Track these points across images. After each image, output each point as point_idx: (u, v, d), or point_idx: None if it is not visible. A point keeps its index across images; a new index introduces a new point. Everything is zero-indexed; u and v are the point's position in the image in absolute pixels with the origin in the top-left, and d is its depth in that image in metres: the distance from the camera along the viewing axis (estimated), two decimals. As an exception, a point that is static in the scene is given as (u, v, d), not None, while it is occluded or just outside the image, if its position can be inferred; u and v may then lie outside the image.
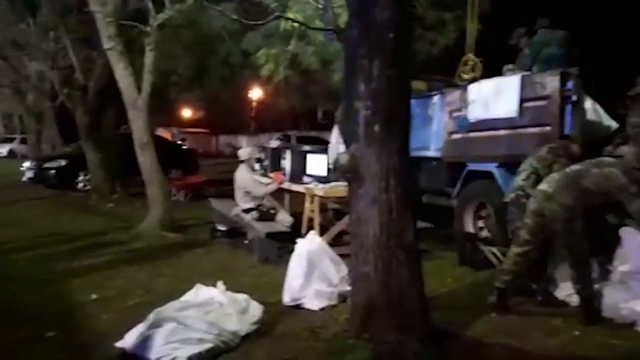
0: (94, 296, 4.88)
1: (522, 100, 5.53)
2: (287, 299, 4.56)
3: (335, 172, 5.37)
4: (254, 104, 38.92)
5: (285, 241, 6.46)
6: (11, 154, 34.24)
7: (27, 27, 13.98)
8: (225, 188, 13.36)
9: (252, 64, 8.81)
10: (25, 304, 4.66)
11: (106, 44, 7.30)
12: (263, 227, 6.25)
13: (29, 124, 24.23)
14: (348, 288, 4.59)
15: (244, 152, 6.65)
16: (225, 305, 3.86)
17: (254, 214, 6.46)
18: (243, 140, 41.04)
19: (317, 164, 7.04)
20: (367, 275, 3.64)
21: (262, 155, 7.07)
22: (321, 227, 6.49)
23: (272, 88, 19.29)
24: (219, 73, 11.48)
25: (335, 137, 12.31)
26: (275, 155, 8.01)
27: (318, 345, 3.72)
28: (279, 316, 4.32)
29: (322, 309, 4.43)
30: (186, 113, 40.53)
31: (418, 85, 8.46)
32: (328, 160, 6.86)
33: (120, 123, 12.37)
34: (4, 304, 4.61)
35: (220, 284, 4.18)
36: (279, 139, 29.34)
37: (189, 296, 4.12)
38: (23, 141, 33.04)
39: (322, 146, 21.15)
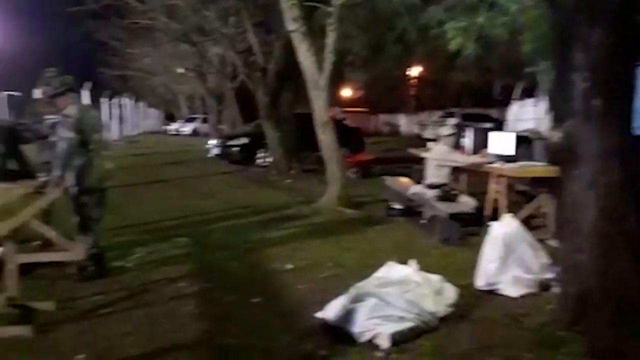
0: (288, 266, 5.17)
1: None
2: (481, 282, 4.40)
3: (545, 151, 5.00)
4: (414, 81, 38.38)
5: (467, 224, 6.29)
6: (194, 132, 37.93)
7: (209, 14, 15.17)
8: (392, 166, 13.47)
9: (428, 39, 8.59)
10: (231, 270, 5.10)
11: (290, 26, 7.61)
12: (446, 207, 6.10)
13: (210, 105, 26.61)
14: (549, 276, 4.32)
15: (445, 130, 6.55)
16: (421, 285, 3.83)
17: (437, 191, 6.34)
18: (402, 119, 40.82)
19: (500, 141, 6.66)
20: (582, 263, 3.36)
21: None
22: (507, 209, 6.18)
23: (440, 64, 18.75)
24: (394, 51, 11.42)
25: (514, 114, 11.67)
26: (454, 134, 7.72)
27: (523, 334, 3.52)
28: (474, 300, 4.18)
29: (521, 297, 4.19)
30: (346, 92, 41.31)
31: None
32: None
33: (296, 103, 12.97)
34: (215, 270, 5.08)
35: (413, 262, 4.15)
36: (442, 116, 28.69)
37: (382, 273, 4.15)
38: (204, 121, 36.44)
39: (490, 123, 20.22)
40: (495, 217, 6.28)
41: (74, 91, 4.62)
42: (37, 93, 5.06)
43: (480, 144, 6.86)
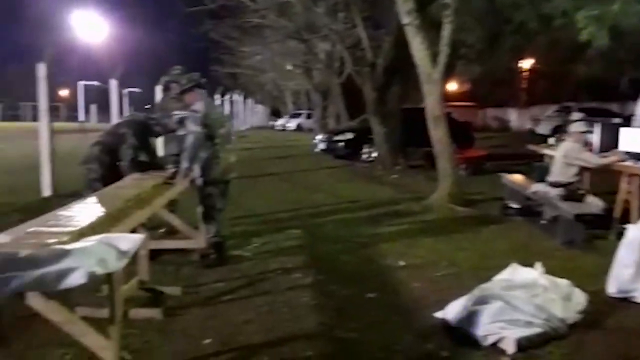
0: (401, 263, 5.09)
1: None
2: (613, 289, 4.06)
3: None
4: (526, 74, 36.46)
5: (593, 226, 5.85)
6: (298, 127, 38.77)
7: (319, 10, 15.35)
8: (504, 163, 12.88)
9: (550, 30, 8.07)
10: (344, 263, 5.12)
11: (404, 19, 7.49)
12: (572, 208, 5.71)
13: (315, 100, 27.03)
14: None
15: (577, 126, 6.14)
16: (549, 290, 3.59)
17: (561, 191, 5.95)
18: (512, 114, 38.94)
19: (633, 138, 6.09)
20: None
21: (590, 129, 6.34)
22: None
23: (558, 56, 17.60)
24: (511, 42, 10.88)
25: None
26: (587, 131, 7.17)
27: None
28: (605, 307, 3.88)
29: (662, 307, 3.82)
30: (452, 86, 40.13)
31: None
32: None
33: (403, 98, 12.79)
34: (328, 262, 5.12)
35: (539, 265, 3.91)
36: (557, 111, 27.00)
37: (506, 275, 3.95)
38: (308, 116, 37.14)
39: (616, 119, 18.71)
40: (626, 219, 5.79)
41: (201, 87, 4.84)
42: (164, 90, 5.38)
43: (609, 141, 6.31)
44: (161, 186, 4.37)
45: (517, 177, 7.80)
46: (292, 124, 39.86)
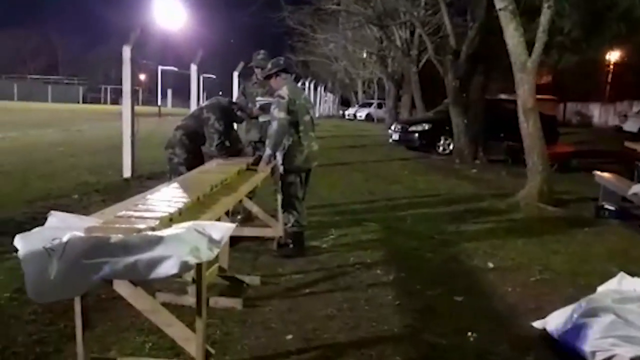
0: (490, 264, 4.78)
1: None
2: None
3: None
4: (612, 67, 34.28)
5: None
6: (368, 117, 38.43)
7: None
8: (593, 161, 12.07)
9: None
10: (427, 262, 4.85)
11: (498, 4, 7.02)
12: (683, 213, 5.16)
13: (389, 89, 26.55)
14: None
15: None
16: (667, 305, 3.19)
17: (670, 195, 5.40)
18: (595, 109, 36.80)
19: None
20: None
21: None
22: None
23: None
24: (614, 30, 10.07)
25: None
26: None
27: None
28: None
29: None
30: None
31: None
32: None
33: (486, 88, 12.22)
34: (410, 260, 4.87)
35: (651, 276, 3.50)
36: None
37: (614, 284, 3.57)
38: (379, 106, 36.70)
39: None
40: None
41: (287, 72, 4.68)
42: (247, 75, 5.28)
43: None
44: (245, 172, 4.27)
45: (614, 177, 7.21)
46: (362, 113, 39.55)
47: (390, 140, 15.77)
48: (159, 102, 27.80)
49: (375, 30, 23.18)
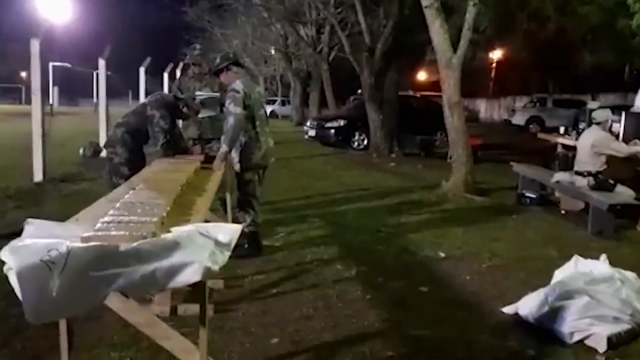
0: (442, 254, 4.90)
1: None
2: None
3: None
4: (495, 65, 36.75)
5: (621, 216, 5.79)
6: (272, 114, 38.22)
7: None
8: (497, 152, 12.87)
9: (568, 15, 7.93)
10: (381, 255, 4.88)
11: (425, 2, 7.22)
12: (604, 197, 5.61)
13: (295, 86, 26.60)
14: None
15: (600, 114, 6.00)
16: (626, 283, 3.44)
17: (590, 180, 5.85)
18: (482, 104, 39.29)
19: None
20: None
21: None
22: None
23: (564, 42, 17.25)
24: (527, 27, 10.72)
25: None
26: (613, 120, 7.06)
27: None
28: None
29: None
30: (421, 75, 40.15)
31: None
32: None
33: (399, 85, 12.58)
34: (365, 253, 4.87)
35: (604, 257, 3.76)
36: (531, 102, 27.35)
37: (571, 267, 3.75)
38: (283, 103, 36.68)
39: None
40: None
41: (238, 65, 4.48)
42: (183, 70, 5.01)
43: (633, 129, 6.25)
44: (201, 171, 4.03)
45: (533, 167, 7.71)
46: (267, 110, 39.17)
47: (306, 137, 15.79)
48: (51, 101, 25.81)
49: (279, 27, 23.11)
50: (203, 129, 5.49)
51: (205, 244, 2.01)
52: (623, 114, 6.60)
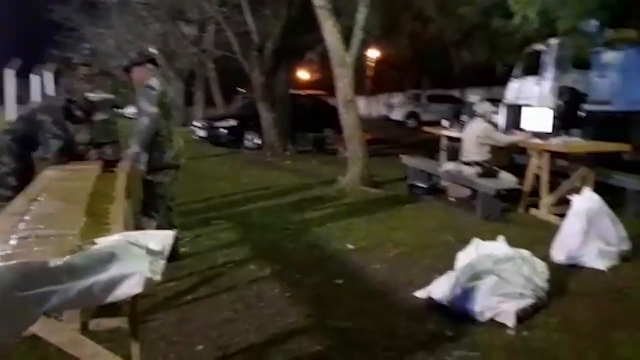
0: (350, 246, 5.04)
1: None
2: (560, 257, 4.40)
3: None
4: (374, 63, 38.23)
5: (505, 200, 6.31)
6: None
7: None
8: (382, 146, 13.42)
9: (448, 16, 8.48)
10: (292, 251, 4.91)
11: (317, 1, 7.34)
12: (491, 184, 6.09)
13: (177, 86, 25.71)
14: (626, 248, 4.40)
15: (481, 107, 6.47)
16: (525, 261, 3.77)
17: (478, 169, 6.32)
18: (360, 101, 40.67)
19: (534, 118, 6.68)
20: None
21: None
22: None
23: (440, 42, 18.16)
24: (410, 28, 11.24)
25: (514, 93, 11.79)
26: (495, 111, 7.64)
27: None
28: (561, 274, 4.16)
29: (608, 269, 4.22)
30: (303, 75, 40.71)
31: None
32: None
33: (290, 84, 12.67)
34: (276, 252, 4.88)
35: (502, 238, 4.08)
36: (409, 97, 28.84)
37: (470, 250, 4.03)
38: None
39: (458, 105, 20.41)
40: (535, 193, 6.35)
41: (154, 64, 4.26)
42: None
43: (513, 120, 6.85)
44: (103, 176, 3.79)
45: (420, 159, 8.16)
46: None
47: (196, 137, 15.39)
48: None
49: (158, 26, 22.19)
50: (95, 133, 5.16)
51: (140, 254, 1.92)
52: (506, 106, 7.19)
